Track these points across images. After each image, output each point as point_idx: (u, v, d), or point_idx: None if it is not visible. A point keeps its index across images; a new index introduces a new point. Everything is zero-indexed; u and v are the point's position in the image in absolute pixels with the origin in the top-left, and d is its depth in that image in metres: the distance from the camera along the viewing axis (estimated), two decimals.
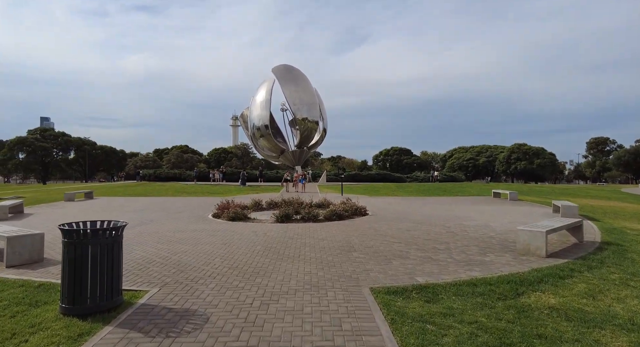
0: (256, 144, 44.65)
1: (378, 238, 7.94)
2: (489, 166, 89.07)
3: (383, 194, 24.37)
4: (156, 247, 6.96)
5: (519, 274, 5.14)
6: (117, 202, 17.67)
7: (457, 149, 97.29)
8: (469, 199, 20.21)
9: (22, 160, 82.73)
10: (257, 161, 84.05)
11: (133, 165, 73.30)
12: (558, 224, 6.73)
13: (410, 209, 14.49)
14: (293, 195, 15.52)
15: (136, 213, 12.77)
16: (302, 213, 10.83)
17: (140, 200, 18.74)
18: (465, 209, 14.29)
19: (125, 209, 14.37)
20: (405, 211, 13.47)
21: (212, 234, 8.38)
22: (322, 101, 45.32)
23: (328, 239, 7.83)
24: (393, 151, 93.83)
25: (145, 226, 9.78)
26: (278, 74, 41.70)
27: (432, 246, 7.18)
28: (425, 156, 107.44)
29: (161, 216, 12.04)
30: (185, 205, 15.87)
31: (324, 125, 43.73)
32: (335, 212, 10.94)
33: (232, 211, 10.92)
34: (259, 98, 41.13)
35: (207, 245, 7.18)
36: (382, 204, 16.29)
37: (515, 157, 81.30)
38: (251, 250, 6.74)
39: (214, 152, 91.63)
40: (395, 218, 11.37)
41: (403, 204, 16.77)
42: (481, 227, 9.66)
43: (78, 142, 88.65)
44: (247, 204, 14.04)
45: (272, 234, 8.45)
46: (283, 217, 10.41)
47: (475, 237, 8.09)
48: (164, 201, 17.93)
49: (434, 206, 15.91)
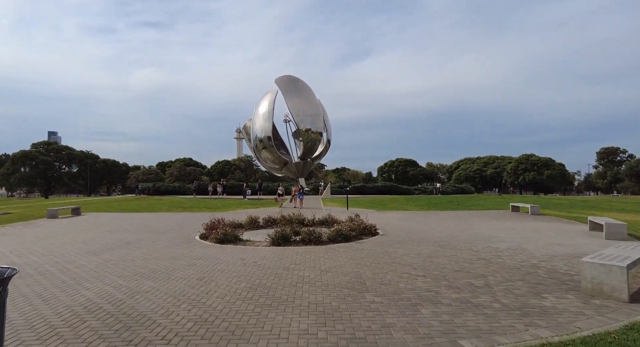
0: (259, 156, 43.35)
1: (395, 269, 6.37)
2: (497, 177, 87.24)
3: (392, 207, 22.75)
4: (114, 285, 5.45)
5: (608, 335, 3.55)
6: (103, 219, 16.24)
7: (463, 160, 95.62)
8: (487, 213, 18.53)
9: (25, 174, 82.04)
10: (260, 173, 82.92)
11: (135, 178, 72.29)
12: (637, 254, 5.12)
13: (426, 226, 12.88)
14: (294, 211, 14.00)
15: (115, 233, 11.30)
16: (302, 234, 9.29)
17: (129, 217, 17.31)
18: (487, 226, 12.66)
19: (106, 227, 12.92)
20: (421, 229, 11.87)
21: (190, 264, 6.86)
22: (326, 112, 44.15)
23: (333, 270, 6.28)
24: (398, 163, 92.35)
25: (116, 251, 8.28)
26: (281, 84, 40.66)
27: (466, 280, 5.60)
28: (431, 167, 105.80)
29: (142, 237, 10.55)
30: (176, 222, 14.40)
31: (328, 137, 42.41)
32: (340, 232, 9.39)
33: (222, 231, 9.41)
34: (261, 109, 40.02)
35: (179, 281, 5.66)
36: (392, 220, 14.70)
37: (524, 168, 79.54)
38: (233, 289, 5.20)
39: (217, 165, 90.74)
40: (411, 239, 9.79)
41: (416, 220, 15.15)
42: (516, 251, 8.05)
43: (81, 155, 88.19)
44: (243, 221, 12.57)
45: (265, 263, 6.91)
46: (280, 239, 8.87)
47: (516, 267, 6.49)
48: (154, 218, 16.48)
49: (451, 222, 14.28)
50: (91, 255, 7.77)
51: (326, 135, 41.81)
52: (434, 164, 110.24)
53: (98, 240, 9.92)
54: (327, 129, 41.72)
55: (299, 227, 10.33)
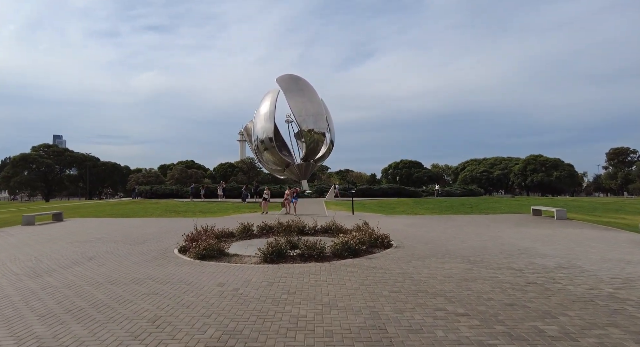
0: (261, 157, 41.75)
1: (424, 302, 4.69)
2: (504, 179, 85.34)
3: (401, 211, 21.04)
4: (28, 330, 3.83)
5: None
6: (83, 226, 14.67)
7: (469, 162, 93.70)
8: (506, 218, 16.77)
9: (25, 177, 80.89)
10: (263, 176, 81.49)
11: (135, 181, 70.97)
12: None
13: (444, 234, 11.17)
14: (292, 218, 12.34)
15: (85, 244, 9.69)
16: (301, 247, 7.63)
17: (114, 223, 15.73)
18: (515, 235, 10.93)
19: (78, 237, 11.33)
20: (440, 238, 10.17)
21: (152, 292, 5.22)
22: (329, 112, 42.55)
23: (339, 305, 4.61)
24: (403, 164, 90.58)
25: (68, 271, 6.66)
26: (283, 84, 39.07)
27: (530, 324, 3.91)
28: (437, 169, 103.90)
29: (113, 249, 8.94)
30: (161, 230, 12.80)
31: (331, 137, 40.74)
32: (347, 245, 7.71)
33: (204, 244, 7.77)
34: (263, 109, 38.46)
35: (122, 324, 4.01)
36: (405, 227, 13.00)
37: (532, 169, 77.70)
38: (193, 341, 3.55)
39: (220, 167, 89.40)
40: (432, 252, 8.10)
41: (431, 226, 13.43)
42: (571, 271, 6.34)
43: (81, 158, 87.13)
44: (235, 228, 10.94)
45: (249, 291, 5.25)
46: (273, 255, 7.21)
47: (588, 298, 4.79)
48: (140, 224, 14.88)
49: (471, 228, 12.55)
50: (32, 277, 6.15)
51: (329, 136, 40.16)
52: (439, 166, 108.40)
53: (57, 254, 8.31)
54: (330, 129, 40.09)
55: (297, 237, 8.67)
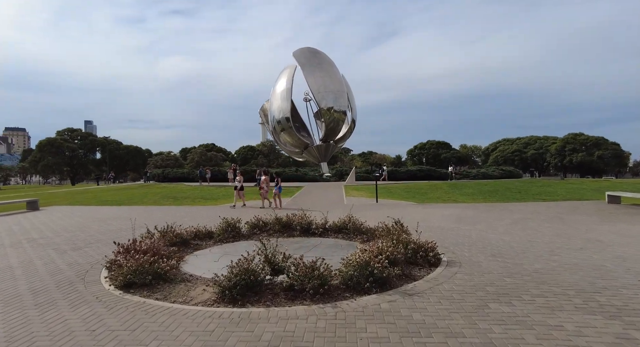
0: (278, 139, 38.85)
1: None
2: (539, 159, 79.17)
3: (435, 198, 17.52)
4: None
5: None
6: (49, 217, 12.15)
7: (501, 141, 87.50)
8: (575, 207, 12.96)
9: (50, 161, 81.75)
10: (283, 158, 78.97)
11: (153, 164, 70.07)
12: None
13: (512, 235, 7.70)
14: (296, 211, 9.16)
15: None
16: (289, 270, 4.43)
17: (90, 213, 13.17)
18: (623, 238, 7.33)
19: (15, 236, 8.66)
20: (511, 245, 6.74)
21: None
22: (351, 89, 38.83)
23: None
24: (429, 145, 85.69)
25: None
26: (300, 58, 35.41)
27: None
28: (465, 150, 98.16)
29: (21, 261, 6.12)
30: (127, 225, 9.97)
31: (353, 116, 37.07)
32: (368, 266, 4.43)
33: (138, 262, 4.72)
34: (279, 87, 35.09)
35: None
36: (449, 223, 9.60)
37: (571, 148, 71.44)
38: None
39: (241, 151, 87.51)
40: (515, 279, 4.71)
41: (485, 220, 9.92)
42: None
43: (103, 142, 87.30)
44: (216, 226, 7.96)
45: None
46: (238, 289, 4.08)
47: None
48: (114, 216, 12.20)
49: (545, 225, 8.95)
50: None
51: (351, 115, 36.51)
52: (468, 146, 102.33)
53: None
54: (351, 107, 36.37)
55: (283, 254, 5.53)
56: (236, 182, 15.52)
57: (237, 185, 15.30)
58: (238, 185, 15.23)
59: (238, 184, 15.24)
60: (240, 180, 15.35)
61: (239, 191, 15.24)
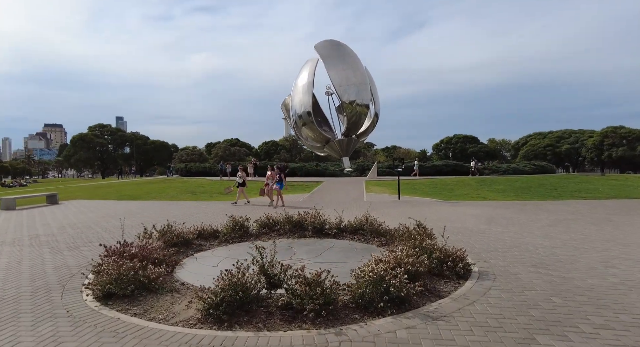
0: (299, 133, 38.32)
1: None
2: (573, 154, 74.94)
3: (462, 195, 16.41)
4: None
5: None
6: (65, 212, 12.04)
7: (532, 136, 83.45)
8: (625, 206, 11.58)
9: (82, 155, 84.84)
10: (306, 153, 78.59)
11: (178, 159, 71.34)
12: None
13: (552, 239, 6.69)
14: (309, 210, 8.46)
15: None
16: (287, 285, 3.72)
17: (104, 208, 13.02)
18: None
19: (20, 231, 8.43)
20: (554, 252, 5.76)
21: None
22: (374, 82, 37.56)
23: None
24: (456, 139, 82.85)
25: None
26: (322, 51, 34.49)
27: None
28: (494, 144, 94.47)
29: (10, 260, 5.74)
30: (136, 222, 9.60)
31: (376, 110, 35.94)
32: (383, 281, 3.67)
33: (119, 270, 4.16)
34: (300, 81, 34.44)
35: None
36: (480, 224, 8.62)
37: (610, 142, 66.94)
38: None
39: (264, 146, 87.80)
40: (568, 302, 3.79)
41: (519, 221, 8.87)
42: None
43: (131, 137, 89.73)
44: (223, 224, 7.40)
45: None
46: (224, 308, 3.41)
47: None
48: (128, 211, 11.94)
49: (590, 229, 7.84)
50: None
51: (373, 108, 35.40)
52: (497, 140, 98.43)
53: None
54: (374, 101, 35.24)
55: (281, 264, 4.85)
56: (237, 178, 14.64)
57: (238, 181, 14.45)
58: (240, 180, 14.38)
59: (239, 180, 14.39)
60: (241, 176, 14.47)
61: (241, 187, 14.37)
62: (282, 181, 13.39)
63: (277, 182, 13.27)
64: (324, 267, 5.20)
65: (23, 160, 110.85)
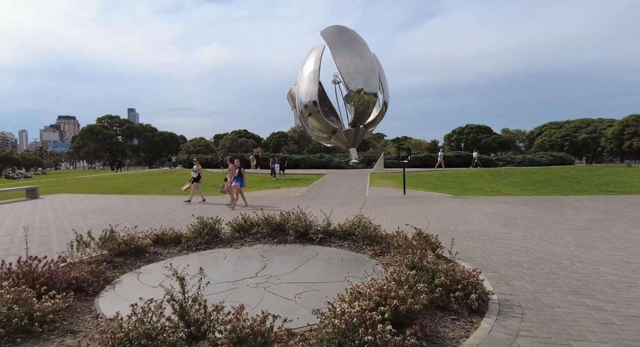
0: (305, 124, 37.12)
1: None
2: (591, 144, 72.03)
3: (475, 189, 14.95)
4: None
5: None
6: (35, 208, 11.06)
7: (547, 125, 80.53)
8: None
9: (91, 147, 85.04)
10: (314, 144, 77.34)
11: (185, 150, 70.85)
12: None
13: (588, 250, 5.30)
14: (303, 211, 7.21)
15: None
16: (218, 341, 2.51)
17: (83, 203, 12.02)
18: None
19: None
20: (596, 269, 4.41)
21: None
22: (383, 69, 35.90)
23: None
24: (469, 129, 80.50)
25: None
26: (328, 37, 32.85)
27: None
28: (507, 134, 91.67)
29: None
30: (102, 222, 8.52)
31: (385, 99, 34.32)
32: (356, 332, 2.43)
33: None
34: (306, 70, 32.93)
35: None
36: (495, 226, 7.25)
37: (631, 131, 63.98)
38: None
39: (272, 137, 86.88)
40: None
41: (543, 223, 7.47)
42: None
43: (140, 129, 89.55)
44: (188, 226, 6.25)
45: None
46: None
47: None
48: (106, 207, 10.89)
49: (631, 231, 6.42)
50: None
51: (382, 97, 33.76)
52: (511, 131, 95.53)
53: None
54: (383, 89, 33.48)
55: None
56: (192, 172, 12.49)
57: (193, 175, 12.33)
58: (194, 175, 12.29)
59: (194, 175, 12.30)
60: (196, 170, 12.32)
61: (196, 182, 12.25)
62: (242, 177, 11.27)
63: (236, 178, 11.14)
64: (294, 289, 3.96)
65: (35, 152, 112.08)
